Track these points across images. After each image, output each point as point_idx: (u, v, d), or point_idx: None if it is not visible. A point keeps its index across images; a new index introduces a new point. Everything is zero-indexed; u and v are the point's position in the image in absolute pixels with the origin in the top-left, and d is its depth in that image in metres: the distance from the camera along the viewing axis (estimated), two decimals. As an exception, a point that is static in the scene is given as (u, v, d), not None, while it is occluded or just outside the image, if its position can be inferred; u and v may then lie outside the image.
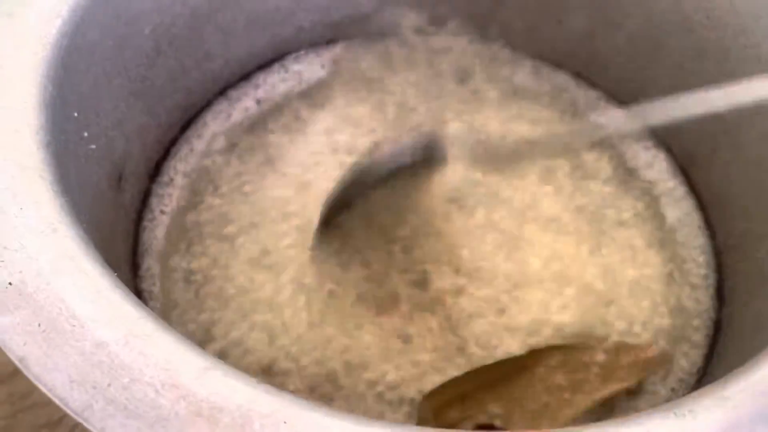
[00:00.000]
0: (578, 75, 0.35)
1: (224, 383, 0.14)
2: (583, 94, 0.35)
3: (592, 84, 0.35)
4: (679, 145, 0.32)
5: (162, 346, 0.15)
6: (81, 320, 0.15)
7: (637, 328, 0.27)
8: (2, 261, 0.16)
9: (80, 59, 0.23)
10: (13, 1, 0.21)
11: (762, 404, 0.15)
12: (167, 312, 0.27)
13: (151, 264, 0.28)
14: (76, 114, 0.22)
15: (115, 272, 0.24)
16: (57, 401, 0.14)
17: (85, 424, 0.14)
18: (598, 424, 0.15)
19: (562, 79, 0.35)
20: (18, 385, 0.40)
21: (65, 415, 0.41)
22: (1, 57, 0.20)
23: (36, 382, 0.14)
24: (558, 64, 0.35)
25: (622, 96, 0.34)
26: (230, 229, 0.29)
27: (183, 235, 0.29)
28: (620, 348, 0.26)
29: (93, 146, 0.24)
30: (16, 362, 0.14)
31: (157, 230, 0.29)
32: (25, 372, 0.14)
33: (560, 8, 0.33)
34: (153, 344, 0.15)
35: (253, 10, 0.32)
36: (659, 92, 0.31)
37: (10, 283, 0.15)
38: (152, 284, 0.28)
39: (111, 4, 0.24)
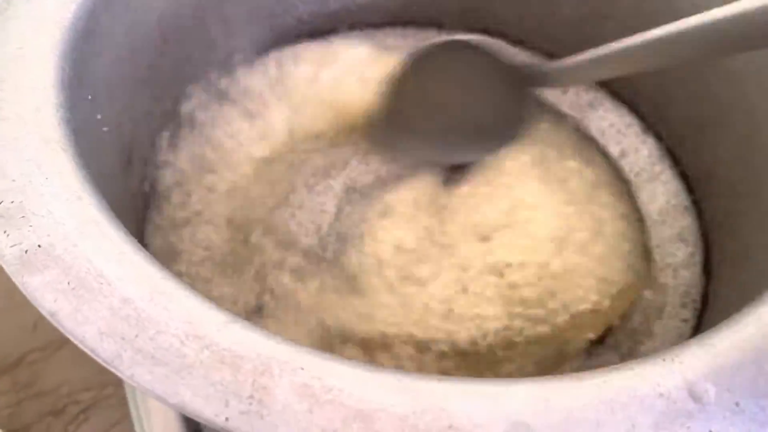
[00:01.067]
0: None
1: (244, 335, 0.15)
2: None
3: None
4: (668, 127, 0.33)
5: (184, 302, 0.16)
6: (108, 278, 0.16)
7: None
8: (31, 226, 0.17)
9: (94, 43, 0.24)
10: (30, -12, 0.22)
11: (744, 353, 0.16)
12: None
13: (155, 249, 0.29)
14: (90, 96, 0.23)
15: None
16: (87, 351, 0.15)
17: (115, 372, 0.14)
18: (592, 371, 0.16)
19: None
20: (22, 374, 0.41)
21: (69, 403, 0.42)
22: (22, 39, 0.21)
23: (67, 335, 0.15)
24: (550, 54, 0.36)
25: (613, 83, 0.35)
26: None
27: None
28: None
29: (105, 128, 0.25)
30: (48, 317, 0.15)
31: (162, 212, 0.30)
32: (57, 325, 0.15)
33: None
34: (176, 300, 0.16)
35: (254, 1, 0.33)
36: (646, 79, 0.33)
37: (39, 246, 0.16)
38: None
39: (120, -9, 0.25)
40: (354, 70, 0.33)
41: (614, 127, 0.34)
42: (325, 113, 0.32)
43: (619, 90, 0.35)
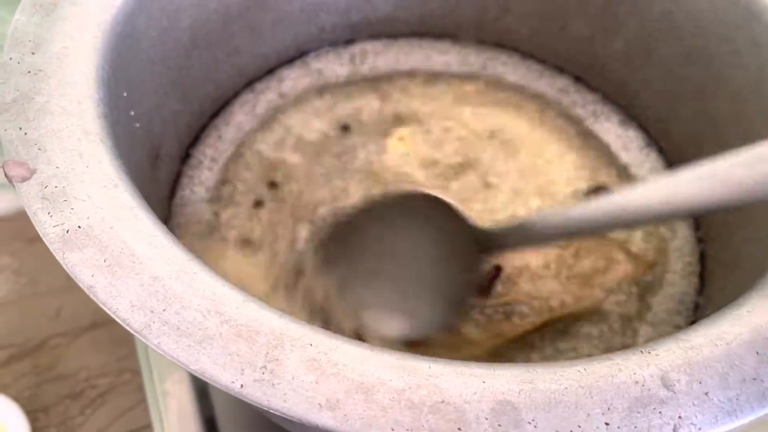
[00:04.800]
0: (578, 79, 0.38)
1: (260, 313, 0.17)
2: (583, 97, 0.37)
3: (591, 88, 0.37)
4: (669, 142, 0.34)
5: (207, 281, 0.18)
6: (140, 258, 0.18)
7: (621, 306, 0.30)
8: (72, 209, 0.18)
9: (130, 45, 0.25)
10: (76, -8, 0.24)
11: (716, 349, 0.17)
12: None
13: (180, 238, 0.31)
14: (125, 94, 0.25)
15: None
16: (120, 321, 0.16)
17: (144, 341, 0.16)
18: (573, 360, 0.17)
19: (563, 82, 0.38)
20: (43, 358, 0.43)
21: (87, 387, 0.44)
22: (67, 39, 0.22)
23: (103, 306, 0.17)
24: (560, 69, 0.38)
25: (619, 98, 0.36)
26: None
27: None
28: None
29: (137, 124, 0.27)
30: (85, 290, 0.17)
31: (187, 207, 0.32)
32: (93, 298, 0.17)
33: (563, 16, 0.36)
34: (200, 280, 0.17)
35: (280, 10, 0.35)
36: (652, 95, 0.34)
37: (79, 227, 0.18)
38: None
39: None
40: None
41: (620, 139, 0.36)
42: None
43: (625, 104, 0.36)
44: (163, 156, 0.30)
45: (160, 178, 0.30)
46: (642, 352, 0.17)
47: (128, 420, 0.41)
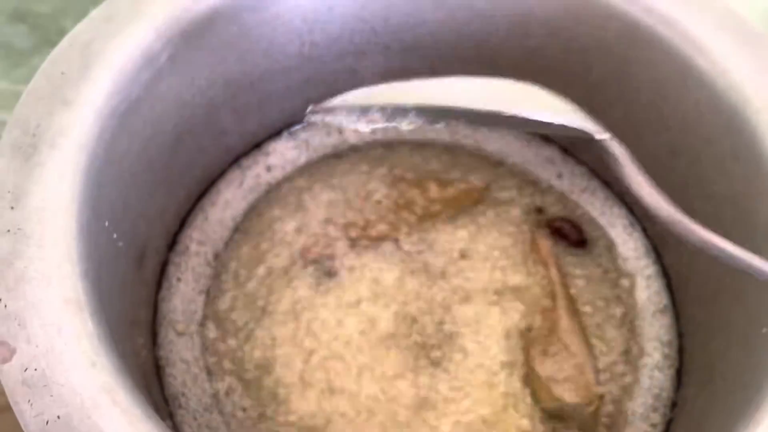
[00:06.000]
0: (565, 151, 0.38)
1: None
2: (570, 169, 0.37)
3: (579, 161, 0.37)
4: (652, 227, 0.35)
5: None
6: (117, 454, 0.18)
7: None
8: (51, 395, 0.19)
9: (111, 172, 0.26)
10: (53, 131, 0.24)
11: None
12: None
13: (168, 332, 0.31)
14: (107, 224, 0.25)
15: (138, 339, 0.28)
16: None
17: None
18: None
19: (550, 152, 0.38)
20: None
21: None
22: (45, 190, 0.23)
23: None
24: (546, 139, 0.38)
25: (606, 175, 0.36)
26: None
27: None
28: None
29: (121, 243, 0.27)
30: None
31: (174, 298, 0.32)
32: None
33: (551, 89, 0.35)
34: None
35: (265, 90, 0.34)
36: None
37: (58, 417, 0.19)
38: (169, 351, 0.31)
39: (138, 113, 0.27)
40: None
41: (605, 216, 0.36)
42: None
43: (612, 182, 0.36)
44: (149, 254, 0.31)
45: (147, 274, 0.31)
46: None
47: None
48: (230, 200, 0.36)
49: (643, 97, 0.32)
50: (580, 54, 0.34)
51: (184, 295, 0.33)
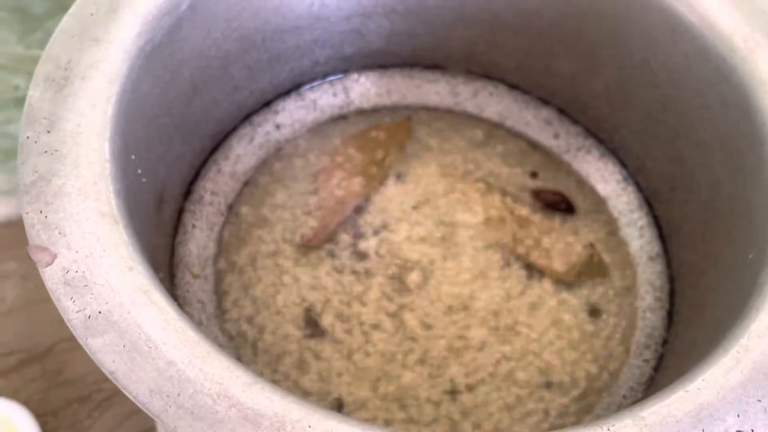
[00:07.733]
0: (562, 111, 0.39)
1: (264, 395, 0.19)
2: (565, 129, 0.39)
3: (574, 120, 0.39)
4: (646, 180, 0.36)
5: (216, 364, 0.20)
6: (155, 343, 0.20)
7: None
8: (92, 294, 0.20)
9: (136, 108, 0.27)
10: (85, 65, 0.25)
11: (668, 427, 0.20)
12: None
13: (185, 274, 0.33)
14: (133, 157, 0.27)
15: (159, 274, 0.29)
16: (140, 405, 0.19)
17: (162, 424, 0.18)
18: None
19: (548, 113, 0.40)
20: (51, 363, 0.45)
21: (94, 391, 0.46)
22: (79, 116, 0.24)
23: (124, 391, 0.19)
24: (544, 101, 0.40)
25: (600, 133, 0.38)
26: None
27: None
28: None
29: (144, 180, 0.28)
30: (107, 375, 0.19)
31: (190, 243, 0.34)
32: (115, 382, 0.19)
33: (546, 54, 0.37)
34: (210, 363, 0.20)
35: (276, 48, 0.36)
36: (630, 134, 0.36)
37: (99, 312, 0.20)
38: (186, 291, 0.33)
39: (159, 57, 0.29)
40: None
41: (599, 172, 0.38)
42: None
43: (605, 138, 0.38)
44: (167, 198, 0.32)
45: (165, 219, 0.32)
46: (601, 428, 0.19)
47: (134, 422, 0.43)
48: (241, 155, 0.37)
49: (636, 56, 0.34)
50: (576, 18, 0.35)
51: (198, 241, 0.34)
